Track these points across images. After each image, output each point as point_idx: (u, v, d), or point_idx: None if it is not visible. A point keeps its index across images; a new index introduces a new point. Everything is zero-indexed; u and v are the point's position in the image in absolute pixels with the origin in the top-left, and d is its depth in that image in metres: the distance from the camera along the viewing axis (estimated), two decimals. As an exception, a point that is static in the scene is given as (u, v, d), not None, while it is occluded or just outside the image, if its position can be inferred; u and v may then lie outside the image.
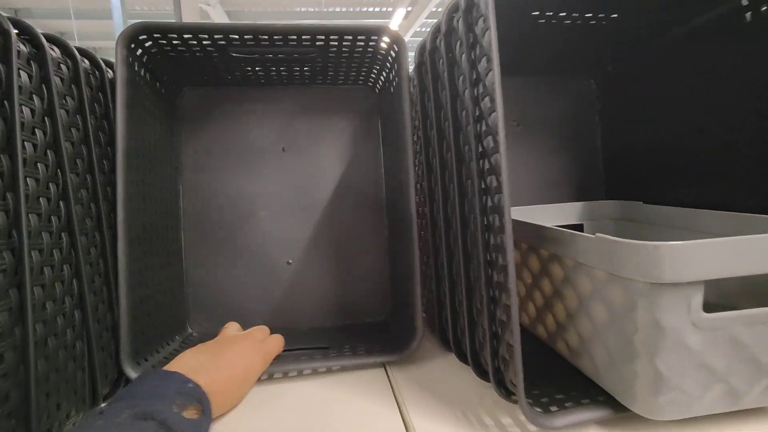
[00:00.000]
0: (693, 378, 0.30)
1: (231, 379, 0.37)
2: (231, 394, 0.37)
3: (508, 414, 0.36)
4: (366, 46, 0.46)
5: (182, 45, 0.45)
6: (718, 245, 0.27)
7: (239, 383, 0.38)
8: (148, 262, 0.45)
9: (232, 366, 0.38)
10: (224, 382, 0.36)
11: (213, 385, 0.34)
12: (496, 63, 0.30)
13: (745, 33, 0.41)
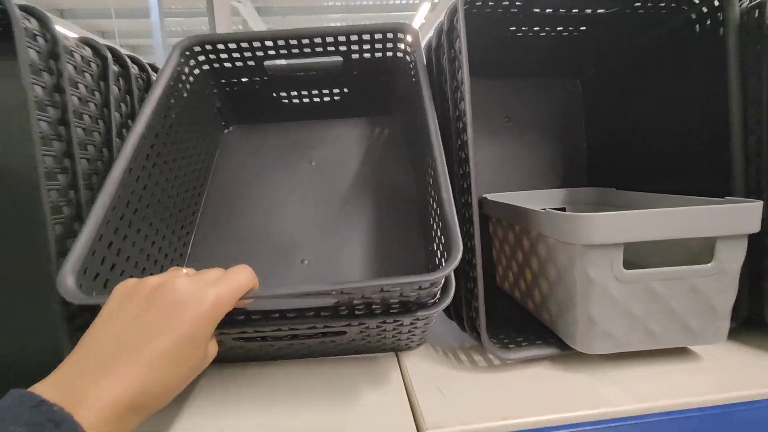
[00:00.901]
0: (618, 321, 0.38)
1: (143, 376, 0.25)
2: (145, 397, 0.25)
3: (480, 354, 0.45)
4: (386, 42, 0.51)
5: (227, 58, 0.54)
6: (632, 216, 0.35)
7: (161, 376, 0.25)
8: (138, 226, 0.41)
9: (148, 351, 0.25)
10: (125, 390, 0.24)
11: (100, 401, 0.23)
12: (467, 76, 0.39)
13: (696, 42, 0.48)
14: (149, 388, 0.25)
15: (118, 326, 0.26)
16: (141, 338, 0.25)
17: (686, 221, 0.36)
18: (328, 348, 0.40)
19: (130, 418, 0.25)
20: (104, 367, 0.24)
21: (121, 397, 0.24)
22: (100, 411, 0.23)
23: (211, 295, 0.27)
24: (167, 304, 0.26)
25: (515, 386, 0.38)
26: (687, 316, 0.39)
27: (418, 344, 0.44)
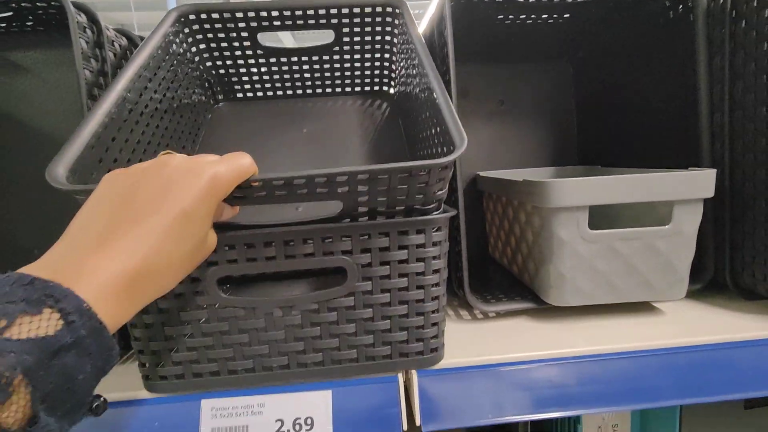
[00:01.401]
0: (585, 277, 0.43)
1: (139, 251, 0.23)
2: (147, 274, 0.23)
3: (465, 309, 0.50)
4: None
5: (222, 29, 0.51)
6: (595, 181, 0.40)
7: (161, 252, 0.24)
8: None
9: (145, 225, 0.24)
10: (125, 262, 0.23)
11: (99, 272, 0.22)
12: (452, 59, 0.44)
13: (670, 27, 0.51)
14: (151, 263, 0.23)
15: (110, 206, 0.24)
16: (137, 215, 0.23)
17: (643, 187, 0.41)
18: (327, 324, 0.36)
19: (134, 295, 0.23)
20: (101, 242, 0.22)
21: (123, 270, 0.22)
22: (101, 285, 0.22)
23: (209, 171, 0.25)
24: (162, 180, 0.25)
25: (494, 333, 0.44)
26: (647, 273, 0.43)
27: (434, 343, 0.38)
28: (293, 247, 0.33)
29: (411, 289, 0.35)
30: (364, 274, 0.34)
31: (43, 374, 0.19)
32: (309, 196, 0.31)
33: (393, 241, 0.34)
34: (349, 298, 0.35)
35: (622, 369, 0.39)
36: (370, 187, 0.30)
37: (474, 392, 0.38)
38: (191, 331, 0.35)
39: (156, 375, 0.36)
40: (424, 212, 0.34)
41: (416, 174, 0.30)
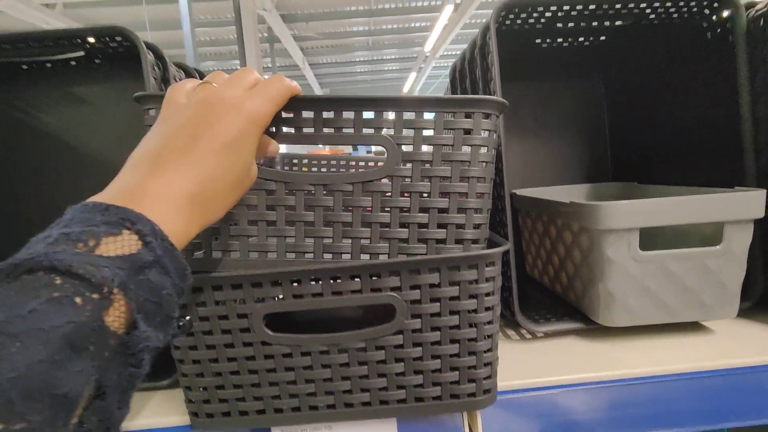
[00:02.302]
0: (636, 297, 0.43)
1: (193, 178, 0.25)
2: (202, 198, 0.26)
3: (512, 329, 0.51)
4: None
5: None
6: (645, 204, 0.41)
7: (212, 176, 0.26)
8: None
9: (195, 153, 0.26)
10: (181, 186, 0.25)
11: (161, 197, 0.24)
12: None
13: (708, 47, 0.52)
14: (205, 188, 0.26)
15: (164, 135, 0.26)
16: (189, 144, 0.26)
17: (694, 208, 0.41)
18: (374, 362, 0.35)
19: (193, 217, 0.25)
20: (157, 168, 0.25)
21: (181, 191, 0.25)
22: (164, 205, 0.24)
23: (248, 107, 0.27)
24: (208, 113, 0.27)
25: (545, 354, 0.44)
26: (699, 293, 0.44)
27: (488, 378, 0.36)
28: (340, 283, 0.33)
29: (462, 327, 0.34)
30: (413, 312, 0.34)
31: (134, 287, 0.21)
32: (357, 135, 0.33)
33: (444, 277, 0.33)
34: (398, 336, 0.34)
35: (682, 390, 0.39)
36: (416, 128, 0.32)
37: (535, 415, 0.38)
38: (237, 369, 0.35)
39: (203, 412, 0.36)
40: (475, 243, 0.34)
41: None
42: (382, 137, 0.32)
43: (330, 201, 0.33)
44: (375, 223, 0.33)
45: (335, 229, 0.33)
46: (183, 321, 0.26)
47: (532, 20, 0.49)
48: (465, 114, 0.32)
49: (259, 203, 0.33)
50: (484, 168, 0.33)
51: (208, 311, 0.34)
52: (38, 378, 0.17)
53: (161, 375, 0.42)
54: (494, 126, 0.33)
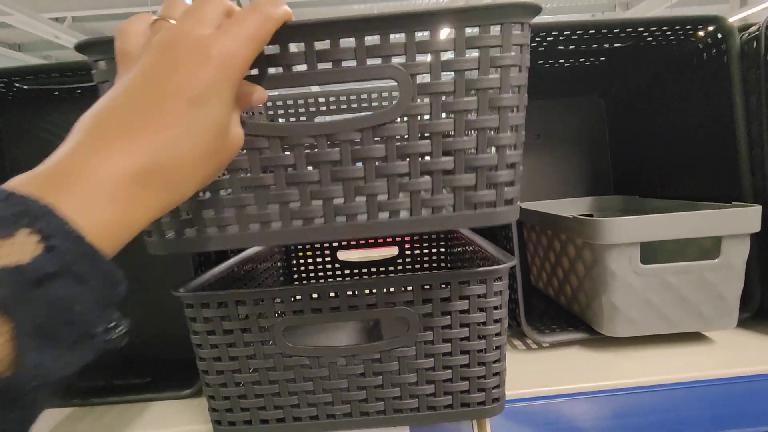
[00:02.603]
0: (638, 308, 0.45)
1: (149, 145, 0.21)
2: (160, 171, 0.21)
3: (518, 339, 0.53)
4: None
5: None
6: (645, 220, 0.43)
7: (170, 145, 0.21)
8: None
9: (149, 118, 0.21)
10: (129, 160, 0.20)
11: (98, 176, 0.19)
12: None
13: (704, 67, 0.54)
14: (163, 157, 0.21)
15: (111, 95, 0.21)
16: (138, 103, 0.21)
17: (692, 223, 0.43)
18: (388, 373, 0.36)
19: (148, 195, 0.21)
20: (99, 137, 0.20)
21: (129, 166, 0.20)
22: (101, 187, 0.19)
23: (217, 49, 0.22)
24: (165, 61, 0.21)
25: (550, 363, 0.46)
26: (699, 304, 0.45)
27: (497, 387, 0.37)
28: (356, 297, 0.35)
29: (472, 339, 0.36)
30: (425, 324, 0.35)
31: (24, 306, 0.17)
32: (360, 69, 0.27)
33: (454, 291, 0.34)
34: (411, 348, 0.36)
35: (683, 398, 0.41)
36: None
37: (542, 422, 0.40)
38: (259, 379, 0.37)
39: (226, 421, 0.38)
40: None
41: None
42: (392, 68, 0.27)
43: (336, 154, 0.28)
44: (392, 174, 0.29)
45: (346, 186, 0.29)
46: (113, 333, 0.20)
47: (534, 44, 0.52)
48: (490, 27, 0.27)
49: (252, 165, 0.28)
50: (517, 95, 0.28)
51: (232, 325, 0.36)
52: None
53: (183, 385, 0.44)
54: (526, 39, 0.28)
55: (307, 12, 6.11)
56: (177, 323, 0.52)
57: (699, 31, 0.52)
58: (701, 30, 0.52)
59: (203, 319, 0.35)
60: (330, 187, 0.29)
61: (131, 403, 0.44)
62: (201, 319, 0.35)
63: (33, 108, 0.51)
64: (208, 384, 0.37)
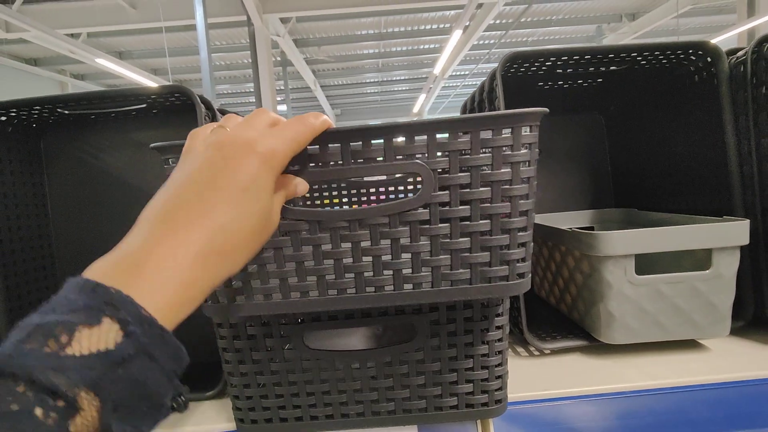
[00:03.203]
0: (633, 317, 0.48)
1: (196, 242, 0.24)
2: (216, 253, 0.24)
3: (521, 346, 0.55)
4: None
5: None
6: (639, 233, 0.46)
7: (224, 231, 0.25)
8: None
9: (204, 206, 0.24)
10: (192, 243, 0.24)
11: (168, 261, 0.23)
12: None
13: (696, 88, 0.58)
14: (218, 242, 0.24)
15: (173, 186, 0.25)
16: (198, 192, 0.24)
17: (684, 237, 0.46)
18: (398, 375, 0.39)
19: (208, 271, 0.24)
20: (165, 227, 0.23)
21: (192, 249, 0.23)
22: (170, 270, 0.22)
23: (263, 145, 0.26)
24: (219, 158, 0.25)
25: (552, 369, 0.49)
26: (691, 313, 0.48)
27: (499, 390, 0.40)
28: (370, 308, 0.38)
29: (476, 344, 0.38)
30: (432, 331, 0.38)
31: (110, 385, 0.19)
32: (389, 165, 0.31)
33: (459, 301, 0.37)
34: (420, 352, 0.39)
35: (676, 402, 0.43)
36: (450, 154, 0.31)
37: (543, 424, 0.42)
38: (279, 380, 0.40)
39: (248, 419, 0.41)
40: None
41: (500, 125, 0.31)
42: (416, 164, 0.31)
43: (366, 235, 0.33)
44: (415, 252, 0.33)
45: (375, 262, 0.33)
46: (178, 401, 0.24)
47: (534, 68, 0.55)
48: (502, 130, 0.31)
49: (294, 244, 0.33)
50: (527, 185, 0.32)
51: (256, 330, 0.39)
52: None
53: (207, 386, 0.48)
54: (535, 138, 0.32)
55: (327, 49, 6.26)
56: (200, 329, 0.55)
57: (690, 55, 0.55)
58: (692, 55, 0.55)
59: (229, 325, 0.39)
60: (361, 262, 0.33)
61: (159, 403, 0.47)
62: (227, 325, 0.39)
63: (72, 130, 0.55)
64: (232, 385, 0.40)
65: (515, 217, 0.32)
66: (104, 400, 0.20)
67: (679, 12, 4.25)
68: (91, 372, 0.19)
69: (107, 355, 0.20)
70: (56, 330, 0.19)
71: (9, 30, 4.48)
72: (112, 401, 0.20)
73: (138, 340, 0.21)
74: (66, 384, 0.18)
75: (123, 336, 0.20)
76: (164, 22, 4.56)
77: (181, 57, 6.20)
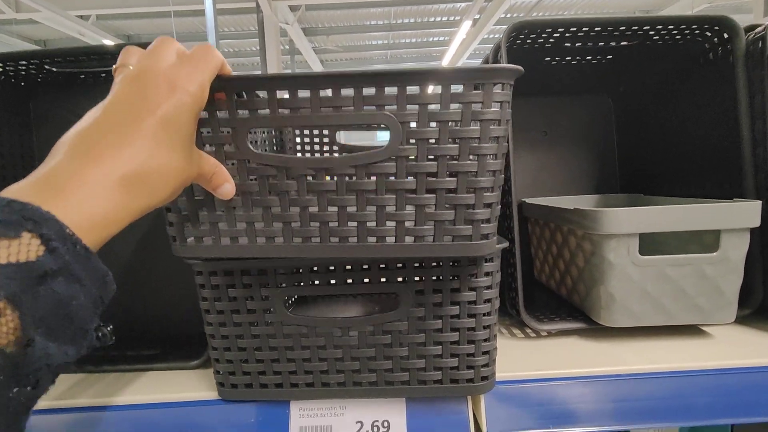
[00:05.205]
0: (636, 299, 0.46)
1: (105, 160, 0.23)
2: (142, 177, 0.24)
3: (518, 328, 0.54)
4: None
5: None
6: (644, 211, 0.44)
7: (150, 154, 0.25)
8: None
9: (132, 129, 0.24)
10: (115, 167, 0.23)
11: (90, 181, 0.22)
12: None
13: (710, 67, 0.55)
14: (143, 165, 0.24)
15: (95, 115, 0.25)
16: (120, 121, 0.24)
17: (691, 216, 0.44)
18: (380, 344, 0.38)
19: (131, 197, 0.24)
20: (87, 149, 0.23)
21: (115, 172, 0.23)
22: (92, 190, 0.22)
23: (182, 77, 0.26)
24: (136, 90, 0.25)
25: (548, 350, 0.47)
26: (697, 297, 0.46)
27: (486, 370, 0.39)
28: (352, 272, 0.37)
29: (462, 317, 0.37)
30: (417, 301, 0.37)
31: (30, 299, 0.19)
32: (357, 114, 0.31)
33: (445, 270, 0.36)
34: (403, 322, 0.37)
35: (674, 387, 0.42)
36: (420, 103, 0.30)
37: (536, 404, 0.41)
38: (260, 345, 0.38)
39: (228, 383, 0.40)
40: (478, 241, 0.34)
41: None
42: (385, 115, 0.31)
43: (333, 185, 0.32)
44: (380, 205, 0.33)
45: (340, 212, 0.33)
46: (103, 331, 0.24)
47: (541, 40, 0.53)
48: (475, 86, 0.30)
49: (261, 189, 0.33)
50: (496, 144, 0.32)
51: (237, 293, 0.38)
52: None
53: (191, 356, 0.46)
54: (507, 96, 0.32)
55: (335, 38, 6.23)
56: (187, 302, 0.54)
57: (705, 31, 0.53)
58: (707, 30, 0.52)
59: (211, 286, 0.37)
60: (326, 212, 0.33)
61: (141, 371, 0.46)
62: (209, 286, 0.37)
63: (60, 91, 0.53)
64: (214, 348, 0.39)
65: (482, 176, 0.32)
66: (24, 314, 0.19)
67: (693, 10, 4.19)
68: (11, 282, 0.18)
69: (27, 267, 0.19)
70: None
71: (19, 10, 4.48)
72: (32, 317, 0.19)
73: (61, 257, 0.20)
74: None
75: (45, 251, 0.20)
76: (173, 6, 4.54)
77: (189, 42, 6.13)
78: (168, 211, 0.35)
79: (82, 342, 0.22)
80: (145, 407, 0.41)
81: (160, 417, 0.41)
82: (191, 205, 0.34)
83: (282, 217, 0.33)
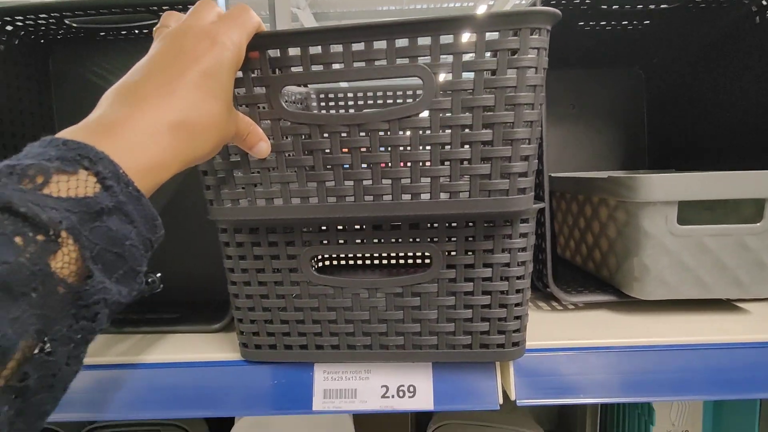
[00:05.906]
0: (671, 271, 0.44)
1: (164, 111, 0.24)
2: (187, 127, 0.25)
3: (544, 301, 0.52)
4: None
5: None
6: (684, 178, 0.42)
7: (194, 105, 0.25)
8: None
9: (176, 82, 0.25)
10: (163, 114, 0.24)
11: (139, 127, 0.23)
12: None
13: (756, 33, 0.52)
14: (188, 115, 0.25)
15: (142, 68, 0.26)
16: (165, 73, 0.25)
17: (733, 184, 0.41)
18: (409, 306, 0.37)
19: (178, 146, 0.24)
20: (136, 99, 0.24)
21: (163, 119, 0.24)
22: (142, 136, 0.23)
23: (223, 34, 0.27)
24: (179, 45, 0.26)
25: (577, 322, 0.45)
26: (737, 270, 0.44)
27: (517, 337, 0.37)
28: (382, 232, 0.36)
29: (495, 279, 0.35)
30: (448, 262, 0.35)
31: (88, 234, 0.19)
32: (390, 67, 0.30)
33: (479, 230, 0.34)
34: (433, 284, 0.36)
35: (707, 360, 0.40)
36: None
37: (565, 373, 0.39)
38: (285, 306, 0.37)
39: (252, 344, 0.39)
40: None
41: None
42: (418, 67, 0.30)
43: (366, 141, 0.32)
44: (415, 161, 0.32)
45: (374, 170, 0.32)
46: (152, 277, 0.24)
47: (577, 1, 0.51)
48: (511, 32, 0.29)
49: (295, 148, 0.33)
50: (533, 93, 0.31)
51: (262, 251, 0.36)
52: None
53: (213, 320, 0.46)
54: (544, 43, 0.30)
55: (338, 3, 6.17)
56: (208, 267, 0.53)
57: (753, -9, 0.50)
58: (755, -10, 0.50)
59: (236, 243, 0.36)
60: (360, 169, 0.33)
61: (163, 333, 0.46)
62: (234, 244, 0.36)
63: (80, 50, 0.52)
64: (237, 308, 0.38)
65: (519, 126, 0.31)
66: (83, 246, 0.19)
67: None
68: (71, 215, 0.18)
69: (85, 202, 0.19)
70: (29, 171, 0.18)
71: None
72: (91, 250, 0.19)
73: (115, 195, 0.20)
74: (47, 219, 0.17)
75: (101, 188, 0.20)
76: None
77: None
78: (205, 174, 0.34)
79: (133, 284, 0.22)
80: (167, 365, 0.40)
81: (182, 377, 0.40)
82: (227, 166, 0.34)
83: (316, 176, 0.33)
